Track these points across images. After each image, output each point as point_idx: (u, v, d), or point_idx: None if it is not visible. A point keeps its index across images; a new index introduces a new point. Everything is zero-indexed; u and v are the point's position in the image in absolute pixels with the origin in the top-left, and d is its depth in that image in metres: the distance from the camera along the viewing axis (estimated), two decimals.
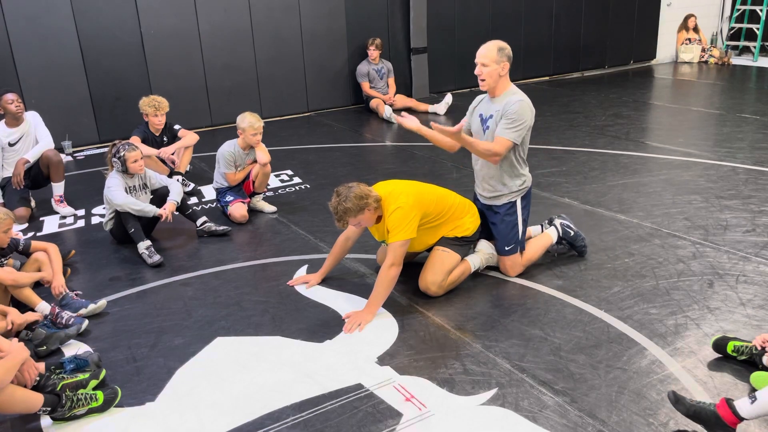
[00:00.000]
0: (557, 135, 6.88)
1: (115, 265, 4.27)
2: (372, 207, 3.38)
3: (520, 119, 3.50)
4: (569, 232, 3.96)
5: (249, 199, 5.03)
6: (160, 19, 7.33)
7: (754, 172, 5.43)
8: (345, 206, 3.31)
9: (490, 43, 3.54)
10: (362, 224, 3.50)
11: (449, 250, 3.63)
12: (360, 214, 3.36)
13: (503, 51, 3.51)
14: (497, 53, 3.49)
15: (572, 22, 10.28)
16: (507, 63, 3.52)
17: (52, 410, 2.67)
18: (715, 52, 11.16)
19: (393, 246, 3.38)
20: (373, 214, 3.43)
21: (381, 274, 3.40)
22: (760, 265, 3.80)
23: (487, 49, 3.51)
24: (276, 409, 2.75)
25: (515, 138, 3.53)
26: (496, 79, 3.54)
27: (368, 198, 3.35)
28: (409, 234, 3.39)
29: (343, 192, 3.35)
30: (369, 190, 3.40)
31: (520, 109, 3.50)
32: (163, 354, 3.19)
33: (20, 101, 5.07)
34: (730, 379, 2.80)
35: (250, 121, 4.80)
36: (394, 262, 3.37)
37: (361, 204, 3.32)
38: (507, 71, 3.56)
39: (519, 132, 3.53)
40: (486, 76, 3.53)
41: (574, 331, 3.21)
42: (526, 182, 3.76)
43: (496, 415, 2.65)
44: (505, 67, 3.52)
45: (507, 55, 3.53)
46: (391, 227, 3.40)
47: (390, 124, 7.79)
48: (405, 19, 8.88)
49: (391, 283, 3.40)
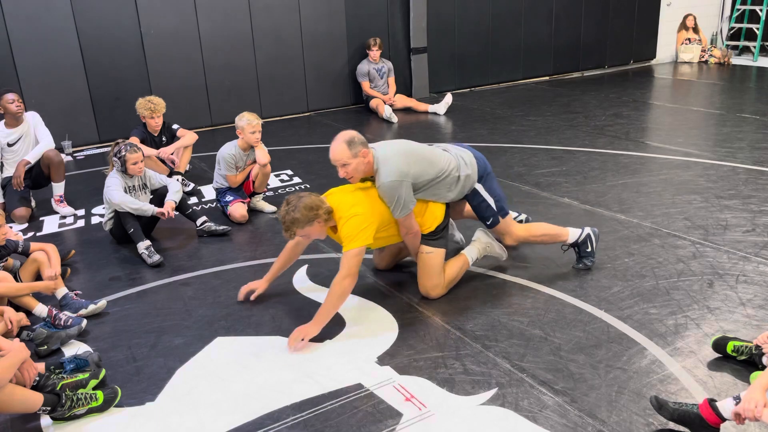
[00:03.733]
0: (557, 135, 6.88)
1: (115, 265, 4.27)
2: (322, 219, 3.23)
3: (393, 197, 3.32)
4: (587, 245, 3.82)
5: (249, 199, 5.04)
6: (160, 19, 7.33)
7: (754, 172, 5.43)
8: (293, 216, 3.16)
9: (336, 142, 3.32)
10: (311, 236, 3.37)
11: (431, 249, 3.53)
12: (308, 226, 3.21)
13: (353, 142, 3.30)
14: (349, 149, 3.28)
15: (572, 22, 10.28)
16: (363, 148, 3.31)
17: (51, 410, 2.67)
18: (716, 53, 11.15)
19: (347, 255, 3.21)
20: (323, 226, 3.29)
21: (333, 286, 3.21)
22: (760, 265, 3.80)
23: (337, 150, 3.30)
24: (276, 409, 2.75)
25: (405, 211, 3.36)
26: (364, 169, 3.35)
27: (318, 209, 3.20)
28: (363, 241, 3.22)
29: (293, 201, 3.20)
30: (320, 201, 3.25)
31: (387, 192, 3.32)
32: (162, 354, 3.19)
33: (20, 101, 5.07)
34: (730, 378, 2.81)
35: (248, 119, 4.81)
36: (348, 274, 3.19)
37: (310, 215, 3.18)
38: (369, 156, 3.34)
39: (402, 206, 3.34)
40: (353, 173, 3.34)
41: (574, 331, 3.21)
42: (468, 178, 3.57)
43: (496, 415, 2.65)
44: (365, 153, 3.31)
45: (359, 142, 3.31)
46: (345, 235, 3.24)
47: (390, 123, 7.79)
48: (405, 19, 8.88)
49: (344, 296, 3.23)
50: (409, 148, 3.49)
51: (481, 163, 3.65)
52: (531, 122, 7.51)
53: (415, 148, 3.52)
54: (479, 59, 9.64)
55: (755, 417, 2.21)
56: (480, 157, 3.69)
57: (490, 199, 3.66)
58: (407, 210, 3.37)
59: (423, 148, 3.56)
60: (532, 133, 7.02)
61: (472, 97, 9.16)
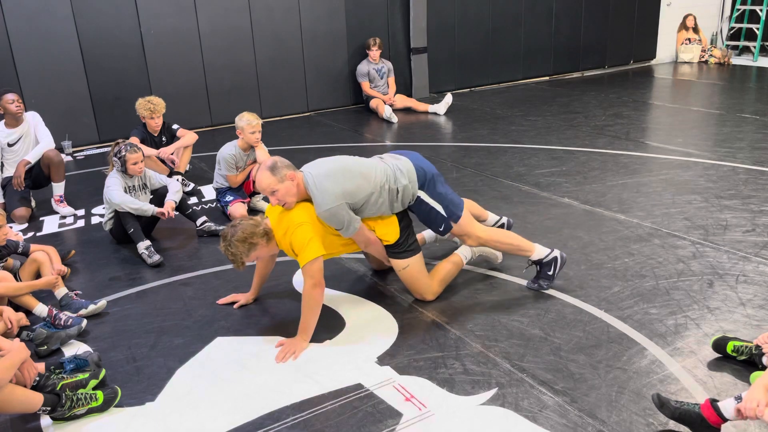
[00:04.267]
0: (557, 135, 6.88)
1: (115, 265, 4.27)
2: (263, 242, 3.22)
3: (334, 222, 3.25)
4: (550, 268, 3.60)
5: (249, 199, 5.04)
6: (160, 19, 7.33)
7: (754, 172, 5.43)
8: (232, 251, 3.17)
9: (260, 172, 3.26)
10: (261, 257, 3.35)
11: (405, 263, 3.45)
12: (253, 251, 3.20)
13: (275, 167, 3.22)
14: (273, 175, 3.20)
15: (572, 22, 10.28)
16: (288, 171, 3.23)
17: (51, 410, 2.67)
18: (716, 53, 11.15)
19: (306, 268, 3.16)
20: (268, 246, 3.26)
21: (305, 297, 3.18)
22: (760, 265, 3.80)
23: (262, 179, 3.22)
24: (276, 409, 2.75)
25: (353, 230, 3.29)
26: (296, 192, 3.26)
27: (254, 236, 3.18)
28: (316, 252, 3.15)
29: (228, 236, 3.18)
30: (254, 226, 3.20)
31: (327, 219, 3.24)
32: (163, 354, 3.19)
33: (20, 101, 5.07)
34: (730, 379, 2.81)
35: (248, 119, 4.81)
36: (314, 283, 3.15)
37: (247, 246, 3.17)
38: (298, 178, 3.25)
39: (347, 226, 3.27)
40: (284, 198, 3.23)
41: (574, 331, 3.21)
42: (406, 189, 3.41)
43: (496, 415, 2.65)
44: (291, 176, 3.22)
45: (282, 166, 3.24)
46: (296, 248, 3.19)
47: (390, 123, 7.79)
48: (405, 19, 8.88)
49: (317, 305, 3.19)
50: (340, 166, 3.35)
51: (420, 171, 3.45)
52: (531, 122, 7.51)
53: (347, 164, 3.39)
54: (479, 59, 9.64)
55: (756, 415, 2.22)
56: (420, 163, 3.50)
57: (437, 206, 3.46)
58: (354, 228, 3.29)
59: (356, 164, 3.41)
60: (532, 133, 7.02)
61: (472, 97, 9.16)
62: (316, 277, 3.17)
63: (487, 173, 5.68)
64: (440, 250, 4.10)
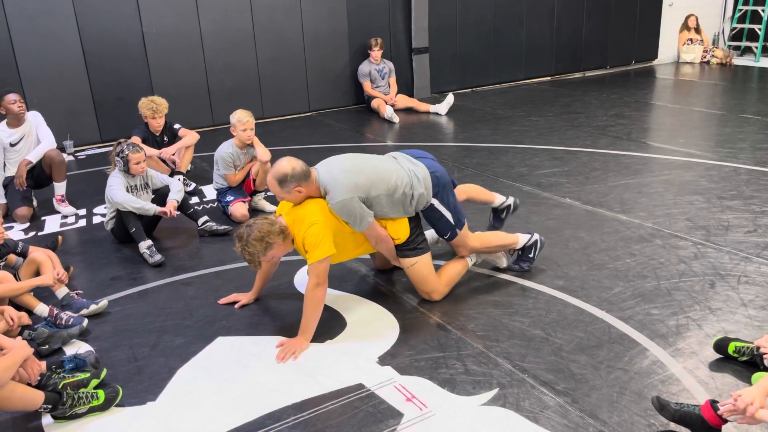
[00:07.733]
0: (559, 135, 6.87)
1: (117, 264, 4.27)
2: (279, 240, 3.18)
3: (347, 215, 3.27)
4: (531, 251, 3.80)
5: (250, 198, 5.04)
6: (161, 19, 7.33)
7: (756, 173, 5.42)
8: (249, 251, 3.13)
9: (269, 176, 3.28)
10: (276, 258, 3.32)
11: (414, 259, 3.48)
12: (270, 250, 3.16)
13: (284, 182, 3.22)
14: (281, 188, 3.24)
15: (574, 22, 10.28)
16: (297, 184, 3.22)
17: (53, 408, 2.67)
18: (718, 53, 11.14)
19: (313, 266, 3.18)
20: (284, 245, 3.23)
21: (307, 296, 3.19)
22: (761, 266, 3.79)
23: (270, 185, 3.28)
24: (277, 409, 2.75)
25: (365, 224, 3.30)
26: (304, 196, 3.29)
27: (270, 235, 3.14)
28: (326, 251, 3.17)
29: (243, 236, 3.15)
30: (270, 225, 3.17)
31: (340, 211, 3.26)
32: (164, 353, 3.20)
33: (22, 102, 5.07)
34: (732, 379, 2.80)
35: (239, 117, 4.83)
36: (318, 282, 3.16)
37: (264, 245, 3.13)
38: (307, 185, 3.26)
39: (360, 220, 3.28)
40: (291, 201, 3.33)
41: (576, 332, 3.21)
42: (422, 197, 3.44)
43: (497, 415, 2.65)
44: (299, 188, 3.24)
45: (291, 179, 3.22)
46: (308, 246, 3.19)
47: (391, 124, 7.79)
48: (406, 19, 8.88)
49: (319, 305, 3.20)
50: (356, 163, 3.40)
51: (434, 180, 3.49)
52: (532, 122, 7.51)
53: (362, 162, 3.43)
54: (481, 59, 9.64)
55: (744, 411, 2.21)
56: (436, 169, 3.54)
57: (448, 214, 3.53)
58: (366, 222, 3.30)
59: (371, 162, 3.46)
60: (534, 133, 7.02)
61: (473, 98, 9.15)
62: (321, 276, 3.18)
63: (488, 173, 5.68)
64: (440, 250, 4.10)
